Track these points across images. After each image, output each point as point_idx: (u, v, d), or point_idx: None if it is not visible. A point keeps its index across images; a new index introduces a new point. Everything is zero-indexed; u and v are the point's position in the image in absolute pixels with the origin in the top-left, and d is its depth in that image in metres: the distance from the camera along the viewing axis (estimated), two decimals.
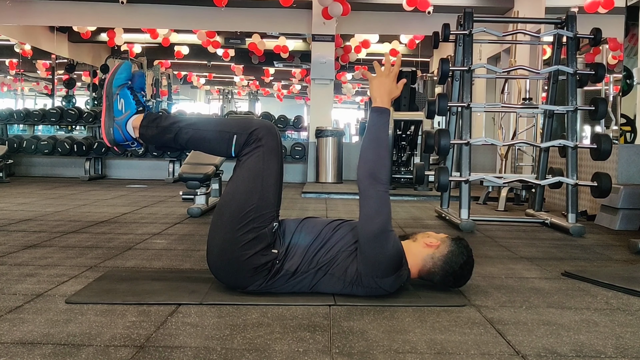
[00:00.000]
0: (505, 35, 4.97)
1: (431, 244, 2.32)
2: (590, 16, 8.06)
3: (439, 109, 4.49)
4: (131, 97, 2.37)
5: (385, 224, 2.15)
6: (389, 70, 2.29)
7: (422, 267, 2.32)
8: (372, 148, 2.20)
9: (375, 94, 2.27)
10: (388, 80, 2.28)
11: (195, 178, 4.58)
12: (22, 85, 16.86)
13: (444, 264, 2.30)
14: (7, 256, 2.98)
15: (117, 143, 2.38)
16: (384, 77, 2.28)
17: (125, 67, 2.40)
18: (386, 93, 2.27)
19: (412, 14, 9.07)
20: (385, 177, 2.19)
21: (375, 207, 2.16)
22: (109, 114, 2.35)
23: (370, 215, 2.15)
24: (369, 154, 2.19)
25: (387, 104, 2.26)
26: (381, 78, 2.28)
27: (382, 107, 2.25)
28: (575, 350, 1.78)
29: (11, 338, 1.77)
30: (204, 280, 2.46)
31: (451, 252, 2.30)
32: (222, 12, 9.53)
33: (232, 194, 2.25)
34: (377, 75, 2.29)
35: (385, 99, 2.26)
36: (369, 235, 2.14)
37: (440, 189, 4.43)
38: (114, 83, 2.36)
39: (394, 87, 2.29)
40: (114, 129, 2.35)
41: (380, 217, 2.15)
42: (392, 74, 2.29)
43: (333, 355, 1.69)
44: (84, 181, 8.14)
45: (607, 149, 4.16)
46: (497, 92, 9.05)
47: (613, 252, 3.53)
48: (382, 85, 2.27)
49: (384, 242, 2.15)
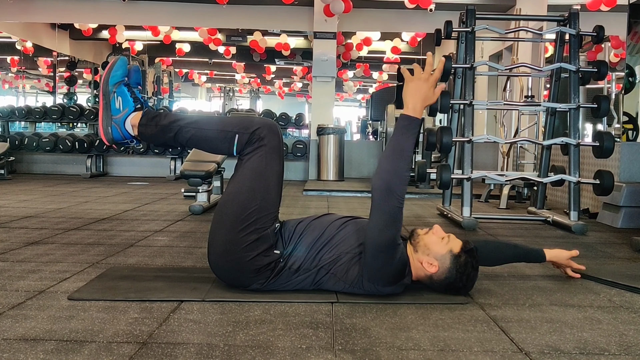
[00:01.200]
0: (508, 32, 4.95)
1: (430, 266, 2.21)
2: (592, 14, 8.05)
3: (441, 106, 4.48)
4: (128, 94, 2.33)
5: (395, 238, 2.09)
6: (429, 75, 2.10)
7: (421, 279, 2.28)
8: (393, 158, 2.05)
9: (408, 98, 2.08)
10: (426, 86, 2.08)
11: (197, 175, 4.58)
12: (23, 82, 16.86)
13: (442, 287, 2.26)
14: (9, 253, 2.98)
15: (115, 142, 2.35)
16: (423, 81, 2.09)
17: (120, 64, 2.35)
18: (421, 99, 2.08)
19: (414, 11, 9.05)
20: (401, 191, 2.05)
21: (386, 221, 2.06)
22: (106, 112, 2.32)
23: (380, 228, 2.07)
24: (389, 164, 2.05)
25: (419, 112, 2.07)
26: (419, 82, 2.09)
27: (413, 116, 2.07)
28: (579, 348, 1.78)
29: (14, 334, 1.77)
30: (205, 278, 2.45)
31: (449, 278, 2.21)
32: (223, 10, 9.52)
33: (234, 194, 2.22)
34: (416, 78, 2.10)
35: (419, 106, 2.07)
36: (377, 247, 2.09)
37: (442, 186, 4.42)
38: (110, 81, 2.32)
39: (431, 94, 2.10)
40: (112, 127, 2.32)
41: (390, 231, 2.07)
42: (432, 79, 2.09)
43: (336, 352, 1.69)
44: (86, 178, 8.14)
45: (610, 147, 4.15)
46: (498, 89, 9.03)
47: (615, 250, 3.53)
48: (418, 90, 2.08)
49: (390, 256, 2.11)
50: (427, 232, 2.28)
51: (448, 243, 2.23)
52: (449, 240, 2.24)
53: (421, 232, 2.28)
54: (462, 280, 2.22)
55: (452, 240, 2.25)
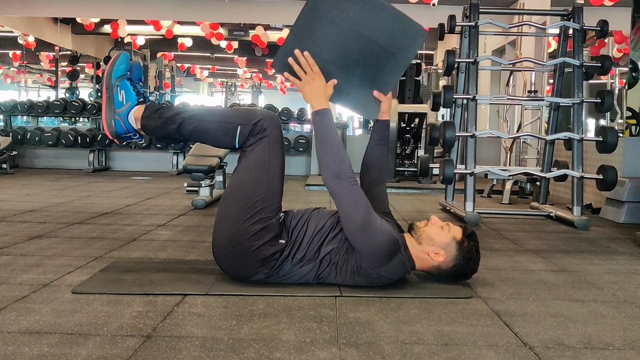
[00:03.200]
0: (511, 27, 4.94)
1: (437, 255, 2.24)
2: (595, 8, 8.01)
3: (445, 101, 4.47)
4: (131, 88, 2.35)
5: (366, 214, 2.13)
6: (312, 73, 2.21)
7: (428, 270, 2.31)
8: (325, 150, 2.17)
9: (310, 99, 2.21)
10: (316, 83, 2.21)
11: (200, 170, 4.58)
12: (25, 77, 16.89)
13: (451, 274, 2.30)
14: (13, 246, 2.99)
15: (118, 135, 2.36)
16: (312, 80, 2.21)
17: (123, 58, 2.37)
18: (320, 95, 2.21)
19: (417, 5, 9.03)
20: (348, 172, 2.15)
21: (349, 203, 2.13)
22: (109, 106, 2.33)
23: (348, 212, 2.14)
24: (325, 157, 2.17)
25: (324, 104, 2.21)
26: (310, 83, 2.21)
27: (321, 108, 2.20)
28: (583, 342, 1.77)
29: (18, 327, 1.77)
30: (209, 271, 2.46)
31: (457, 265, 2.26)
32: (225, 4, 9.51)
33: (238, 185, 2.24)
34: (304, 82, 2.22)
35: (322, 100, 2.21)
36: (355, 232, 2.13)
37: (445, 181, 4.42)
38: (113, 74, 2.33)
39: (326, 87, 2.22)
40: (116, 121, 2.33)
41: (358, 210, 2.12)
42: (317, 75, 2.21)
43: (340, 345, 1.69)
44: (88, 173, 8.15)
45: (613, 142, 4.14)
46: (501, 84, 9.01)
47: (618, 245, 3.52)
48: (314, 89, 2.20)
49: (370, 233, 2.13)
50: (426, 224, 2.31)
51: (450, 231, 2.26)
52: (449, 229, 2.28)
53: (420, 225, 2.31)
54: (470, 265, 2.28)
55: (452, 227, 2.29)
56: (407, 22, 2.23)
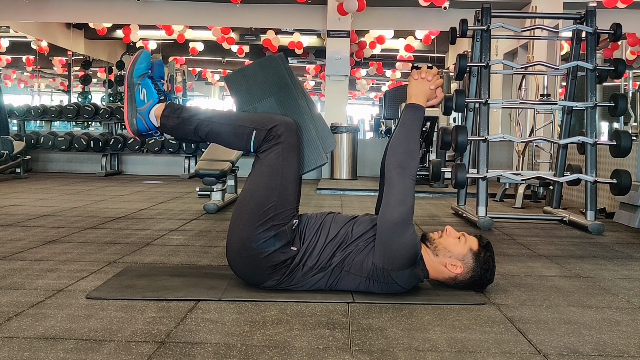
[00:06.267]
0: (524, 30, 4.91)
1: (454, 267, 2.25)
2: (608, 10, 7.97)
3: (457, 105, 4.46)
4: (152, 86, 2.38)
5: (407, 214, 2.15)
6: (434, 76, 2.29)
7: (443, 281, 2.32)
8: (403, 142, 2.21)
9: (412, 92, 2.28)
10: (428, 85, 2.28)
11: (212, 174, 4.59)
12: (38, 81, 17.02)
13: (467, 285, 2.31)
14: (27, 251, 3.01)
15: (140, 133, 2.40)
16: (427, 80, 2.28)
17: (144, 57, 2.39)
18: (423, 95, 2.28)
19: (428, 9, 9.02)
20: (414, 169, 2.19)
21: (399, 197, 2.15)
22: (131, 104, 2.36)
23: (393, 203, 2.15)
24: (400, 147, 2.21)
25: (422, 102, 2.27)
26: (421, 82, 2.28)
27: (417, 104, 2.26)
28: (598, 350, 1.76)
29: (34, 333, 1.79)
30: (222, 277, 2.46)
31: (474, 276, 2.27)
32: (237, 8, 9.54)
33: (251, 191, 2.25)
34: (418, 80, 2.29)
35: (421, 99, 2.27)
36: (389, 223, 2.15)
37: (457, 185, 4.40)
38: (134, 73, 2.36)
39: (432, 93, 2.30)
40: (137, 119, 2.36)
41: (403, 207, 2.15)
42: (434, 83, 2.28)
43: (353, 352, 1.69)
44: (101, 177, 8.20)
45: (627, 146, 4.11)
46: (513, 88, 8.97)
47: (633, 250, 3.49)
48: (421, 87, 2.28)
49: (402, 231, 2.14)
50: (441, 235, 2.31)
51: (466, 242, 2.27)
52: (466, 240, 2.28)
53: (435, 236, 2.31)
54: (487, 276, 2.30)
55: (469, 238, 2.30)
56: (263, 60, 2.44)
